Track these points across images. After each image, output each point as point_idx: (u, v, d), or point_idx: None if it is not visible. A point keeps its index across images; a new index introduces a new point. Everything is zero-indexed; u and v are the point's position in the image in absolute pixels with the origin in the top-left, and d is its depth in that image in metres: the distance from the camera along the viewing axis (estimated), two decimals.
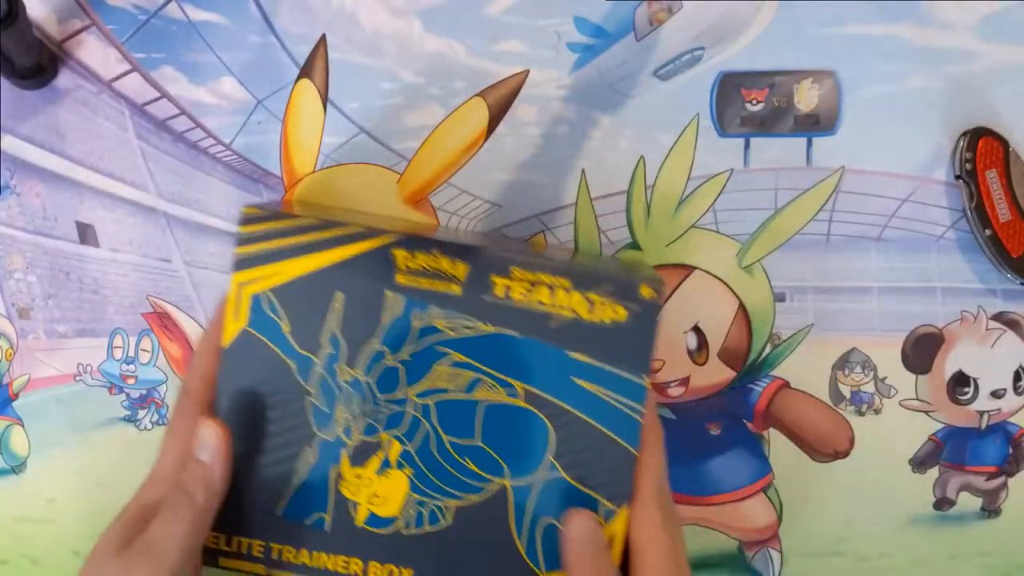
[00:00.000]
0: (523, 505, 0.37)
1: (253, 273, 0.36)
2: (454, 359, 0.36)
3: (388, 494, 0.37)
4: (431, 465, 0.37)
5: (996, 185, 0.49)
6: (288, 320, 0.36)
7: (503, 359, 0.36)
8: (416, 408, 0.37)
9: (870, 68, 0.50)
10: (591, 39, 0.49)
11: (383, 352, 0.37)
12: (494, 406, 0.37)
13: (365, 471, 0.37)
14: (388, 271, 0.36)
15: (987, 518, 0.52)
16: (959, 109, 0.50)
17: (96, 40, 0.49)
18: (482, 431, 0.37)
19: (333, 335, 0.36)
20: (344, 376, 0.37)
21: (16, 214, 0.50)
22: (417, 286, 0.36)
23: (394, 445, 0.37)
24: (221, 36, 0.49)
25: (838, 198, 0.50)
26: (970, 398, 0.51)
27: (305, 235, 0.36)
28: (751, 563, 0.51)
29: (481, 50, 0.49)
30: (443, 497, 0.37)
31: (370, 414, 0.37)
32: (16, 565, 0.50)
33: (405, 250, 0.36)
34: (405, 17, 0.49)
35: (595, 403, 0.36)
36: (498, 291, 0.36)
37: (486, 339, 0.36)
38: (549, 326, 0.36)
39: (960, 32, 0.49)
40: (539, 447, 0.36)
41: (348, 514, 0.37)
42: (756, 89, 0.50)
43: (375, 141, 0.49)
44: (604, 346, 0.36)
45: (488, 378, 0.36)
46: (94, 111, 0.49)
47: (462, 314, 0.36)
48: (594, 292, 0.36)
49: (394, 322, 0.36)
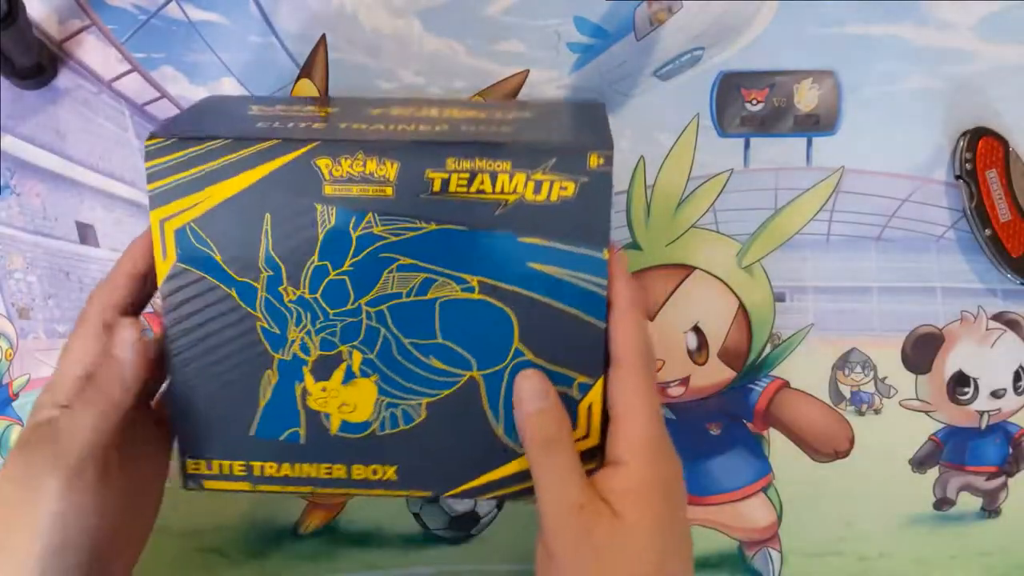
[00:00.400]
0: (496, 391, 0.36)
1: (171, 208, 0.35)
2: (401, 263, 0.35)
3: (357, 401, 0.37)
4: (396, 369, 0.36)
5: (996, 185, 0.49)
6: (219, 249, 0.35)
7: (452, 255, 0.35)
8: (370, 317, 0.36)
9: (870, 68, 0.50)
10: (591, 39, 0.49)
11: (325, 267, 0.35)
12: (451, 302, 0.36)
13: (330, 384, 0.36)
14: (314, 183, 0.34)
15: (987, 518, 0.52)
16: (959, 109, 0.50)
17: (96, 40, 0.49)
18: (442, 329, 0.36)
19: (269, 257, 0.35)
20: (290, 296, 0.36)
21: (16, 214, 0.50)
22: (348, 194, 0.34)
23: (355, 355, 0.36)
24: (221, 36, 0.49)
25: (838, 198, 0.50)
26: (970, 398, 0.51)
27: (219, 159, 0.34)
28: (751, 563, 0.51)
29: (481, 50, 0.49)
30: (413, 396, 0.36)
31: (325, 329, 0.36)
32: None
33: (328, 158, 0.34)
34: (405, 17, 0.49)
35: (554, 284, 0.35)
36: (435, 186, 0.34)
37: (431, 237, 0.35)
38: (495, 214, 0.34)
39: (960, 32, 0.49)
40: (504, 337, 0.36)
41: (321, 425, 0.37)
42: (756, 89, 0.50)
43: None
44: (556, 225, 0.34)
45: (440, 276, 0.35)
46: (94, 111, 0.49)
47: (401, 216, 0.34)
48: (538, 171, 0.34)
49: (331, 235, 0.35)
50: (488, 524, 0.51)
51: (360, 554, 0.51)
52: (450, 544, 0.51)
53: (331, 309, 0.36)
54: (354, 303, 0.36)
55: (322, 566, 0.51)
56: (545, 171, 0.34)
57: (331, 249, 0.35)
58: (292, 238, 0.35)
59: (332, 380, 0.36)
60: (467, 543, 0.51)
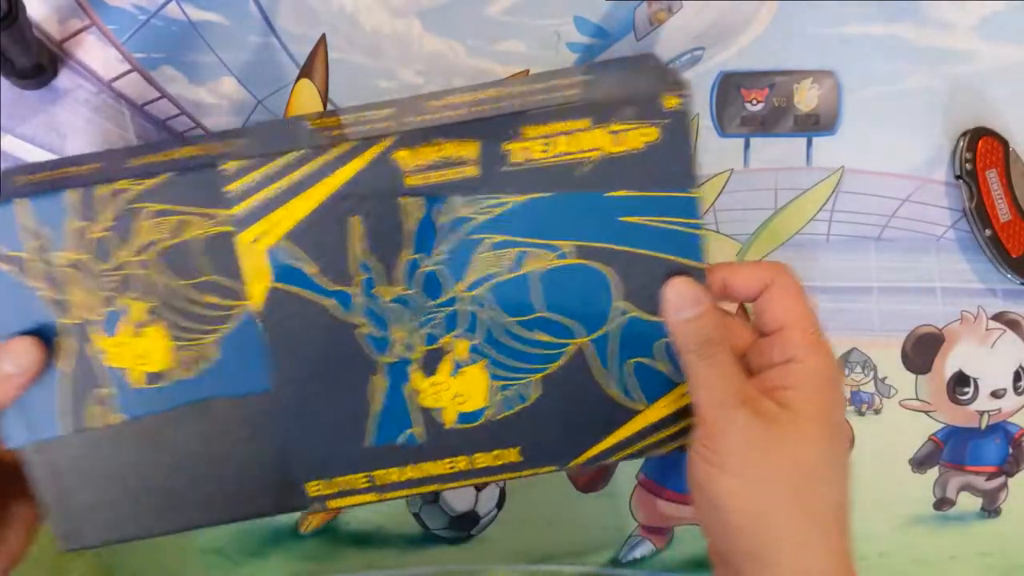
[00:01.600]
0: (605, 356, 0.36)
1: (257, 229, 0.35)
2: (493, 240, 0.35)
3: (470, 390, 0.36)
4: (503, 350, 0.36)
5: (996, 185, 0.49)
6: (312, 261, 0.35)
7: (542, 224, 0.35)
8: (469, 302, 0.36)
9: (870, 68, 0.50)
10: (591, 39, 0.49)
11: (417, 260, 0.35)
12: (548, 272, 0.35)
13: (439, 377, 0.36)
14: (396, 177, 0.34)
15: (987, 518, 0.52)
16: (959, 109, 0.50)
17: (96, 40, 0.49)
18: (542, 301, 0.36)
19: (362, 261, 0.35)
20: (387, 296, 0.35)
21: None
22: (430, 182, 0.34)
23: (460, 344, 0.36)
24: (221, 36, 0.49)
25: (838, 198, 0.50)
26: (970, 398, 0.51)
27: (297, 170, 0.34)
28: None
29: (481, 50, 0.49)
30: (524, 375, 0.36)
31: (426, 324, 0.36)
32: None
33: (407, 149, 0.34)
34: (405, 17, 0.49)
35: (647, 233, 0.35)
36: (515, 158, 0.34)
37: (517, 209, 0.34)
38: (578, 173, 0.34)
39: (960, 32, 0.49)
40: (605, 297, 0.36)
41: (436, 421, 0.36)
42: (756, 89, 0.50)
43: None
44: (641, 173, 0.34)
45: (533, 248, 0.35)
46: (94, 111, 0.49)
47: (484, 194, 0.34)
48: (616, 122, 0.33)
49: (419, 226, 0.35)
50: (488, 524, 0.51)
51: (360, 554, 0.51)
52: (450, 544, 0.51)
53: (430, 301, 0.36)
54: (451, 291, 0.35)
55: (322, 566, 0.51)
56: (624, 120, 0.34)
57: (421, 240, 0.35)
58: (381, 237, 0.35)
59: (440, 373, 0.36)
60: (467, 543, 0.51)
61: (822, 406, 0.34)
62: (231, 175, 0.34)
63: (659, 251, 0.35)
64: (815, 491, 0.33)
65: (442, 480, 0.37)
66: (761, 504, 0.33)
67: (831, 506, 0.34)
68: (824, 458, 0.34)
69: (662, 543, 0.52)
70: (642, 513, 0.52)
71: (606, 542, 0.52)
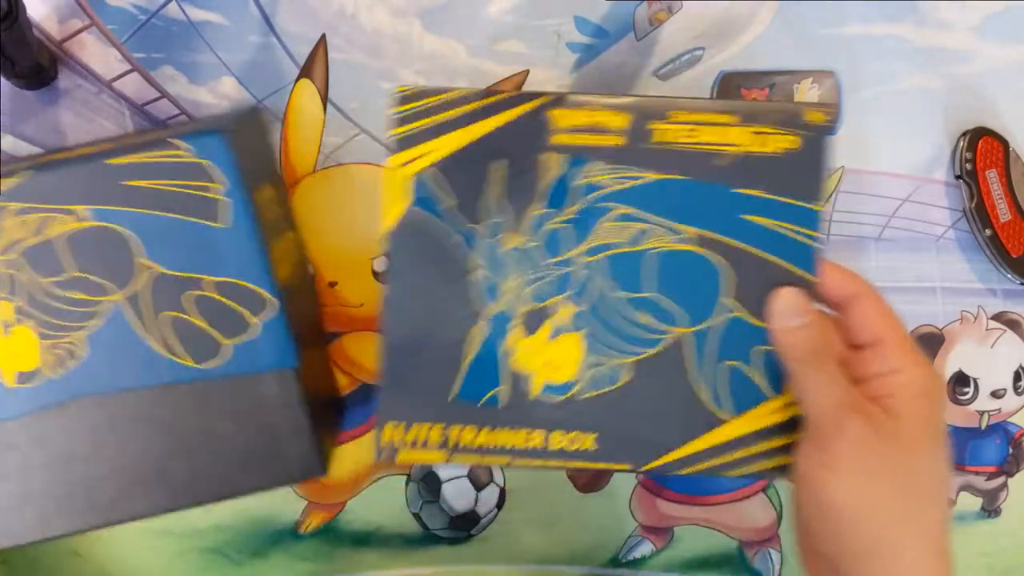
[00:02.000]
0: (702, 351, 0.36)
1: (411, 152, 0.36)
2: (620, 212, 0.36)
3: (562, 360, 0.36)
4: (605, 323, 0.36)
5: (996, 185, 0.49)
6: (450, 194, 0.36)
7: (669, 205, 0.36)
8: (585, 267, 0.36)
9: (870, 68, 0.50)
10: (591, 39, 0.49)
11: (547, 214, 0.36)
12: (665, 254, 0.36)
13: (536, 339, 0.36)
14: (545, 132, 0.36)
15: (987, 518, 0.52)
16: (959, 109, 0.50)
17: (96, 40, 0.49)
18: (654, 281, 0.36)
19: (496, 204, 0.36)
20: (510, 243, 0.36)
21: None
22: (576, 143, 0.36)
23: (565, 308, 0.36)
24: (221, 36, 0.49)
25: (838, 198, 0.50)
26: (970, 398, 0.51)
27: (459, 108, 0.36)
28: (751, 563, 0.51)
29: (481, 50, 0.49)
30: (619, 355, 0.36)
31: (538, 280, 0.36)
32: (16, 565, 0.50)
33: (562, 108, 0.35)
34: (405, 17, 0.49)
35: (767, 236, 0.35)
36: (659, 136, 0.35)
37: (650, 187, 0.35)
38: (715, 164, 0.35)
39: (960, 32, 0.49)
40: (714, 290, 0.36)
41: (522, 387, 0.36)
42: (756, 89, 0.50)
43: (375, 141, 0.49)
44: (773, 177, 0.35)
45: (656, 227, 0.36)
46: (94, 111, 0.49)
47: (624, 165, 0.35)
48: (760, 124, 0.35)
49: (555, 183, 0.36)
50: (488, 524, 0.51)
51: (360, 554, 0.51)
52: (450, 544, 0.51)
53: (548, 258, 0.36)
54: (571, 252, 0.36)
55: (322, 566, 0.51)
56: (770, 125, 0.35)
57: (554, 197, 0.36)
58: (519, 185, 0.36)
59: (539, 335, 0.36)
60: (467, 543, 0.51)
61: (928, 417, 0.34)
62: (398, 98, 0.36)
63: (774, 255, 0.36)
64: (923, 495, 0.34)
65: (512, 454, 0.37)
66: (874, 503, 0.33)
67: (938, 510, 0.34)
68: (931, 465, 0.34)
69: (662, 543, 0.52)
70: (642, 513, 0.52)
71: (606, 542, 0.52)
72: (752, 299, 0.36)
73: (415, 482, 0.51)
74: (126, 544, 0.50)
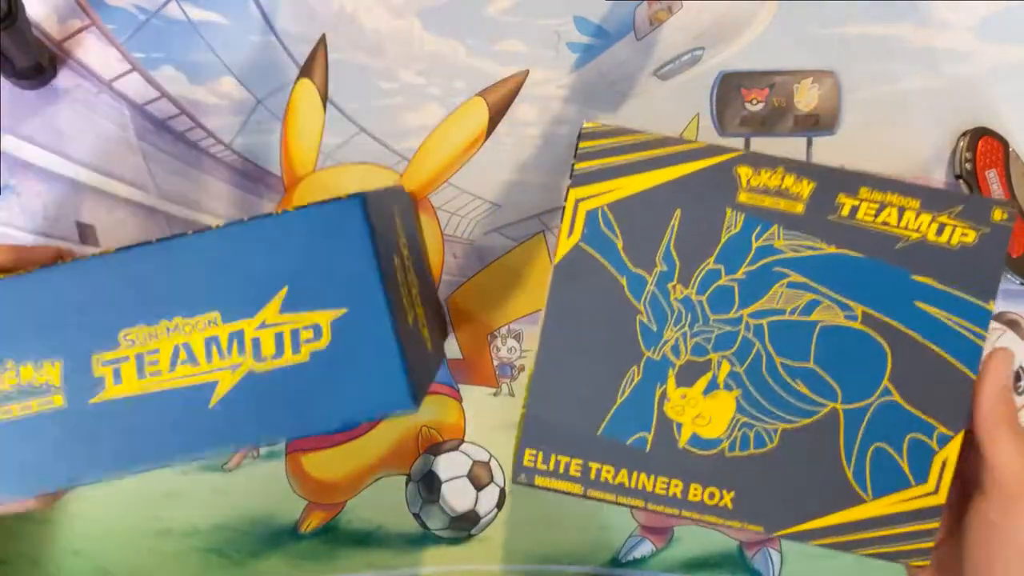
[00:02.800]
0: (854, 429, 0.36)
1: (590, 189, 0.36)
2: (793, 279, 0.36)
3: (714, 415, 0.36)
4: (761, 387, 0.36)
5: (996, 185, 0.49)
6: (623, 236, 0.36)
7: (843, 280, 0.35)
8: (749, 328, 0.36)
9: (870, 68, 0.50)
10: (591, 39, 0.49)
11: (718, 271, 0.36)
12: (830, 328, 0.36)
13: (691, 391, 0.36)
14: (730, 188, 0.35)
15: None
16: (959, 109, 0.50)
17: (96, 40, 0.49)
18: (817, 353, 0.36)
19: (668, 252, 0.36)
20: (676, 294, 0.36)
21: (16, 214, 0.50)
22: (759, 204, 0.36)
23: (724, 365, 0.36)
24: (221, 36, 0.49)
25: None
26: None
27: (644, 151, 0.36)
28: (751, 563, 0.51)
29: (481, 50, 0.49)
30: (771, 419, 0.36)
31: (701, 334, 0.36)
32: (16, 565, 0.50)
33: (750, 167, 0.35)
34: (405, 17, 0.49)
35: (936, 327, 0.35)
36: (844, 211, 0.35)
37: (827, 259, 0.35)
38: (894, 248, 0.35)
39: (960, 32, 0.49)
40: (875, 371, 0.36)
41: (671, 435, 0.36)
42: (756, 89, 0.50)
43: (375, 141, 0.49)
44: (950, 269, 0.35)
45: (826, 299, 0.36)
46: (94, 111, 0.49)
47: (805, 233, 0.36)
48: (944, 214, 0.35)
49: (732, 240, 0.36)
50: (488, 524, 0.51)
51: (360, 554, 0.51)
52: (450, 544, 0.51)
53: (713, 315, 0.36)
54: (737, 312, 0.36)
55: (322, 566, 0.51)
56: (951, 216, 0.35)
57: (729, 254, 0.36)
58: (694, 238, 0.36)
59: (694, 388, 0.36)
60: (467, 543, 0.51)
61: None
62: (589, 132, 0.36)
63: (939, 346, 0.36)
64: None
65: (648, 498, 0.37)
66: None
67: None
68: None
69: (662, 543, 0.52)
70: (642, 513, 0.52)
71: (606, 542, 0.52)
72: (910, 385, 0.36)
73: (415, 482, 0.51)
74: (126, 544, 0.50)
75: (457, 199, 0.50)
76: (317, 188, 0.49)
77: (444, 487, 0.51)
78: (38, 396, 0.35)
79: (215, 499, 0.49)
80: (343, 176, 0.50)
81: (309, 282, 0.35)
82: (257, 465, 0.50)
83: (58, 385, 0.35)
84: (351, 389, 0.35)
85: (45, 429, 0.35)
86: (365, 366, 0.35)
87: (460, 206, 0.50)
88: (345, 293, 0.35)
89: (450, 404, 0.51)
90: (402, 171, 0.49)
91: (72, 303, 0.35)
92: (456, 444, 0.51)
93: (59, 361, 0.35)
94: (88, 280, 0.35)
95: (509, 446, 0.51)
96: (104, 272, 0.35)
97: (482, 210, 0.50)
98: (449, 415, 0.51)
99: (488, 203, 0.50)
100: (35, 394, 0.35)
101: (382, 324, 0.35)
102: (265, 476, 0.50)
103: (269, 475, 0.50)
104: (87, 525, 0.50)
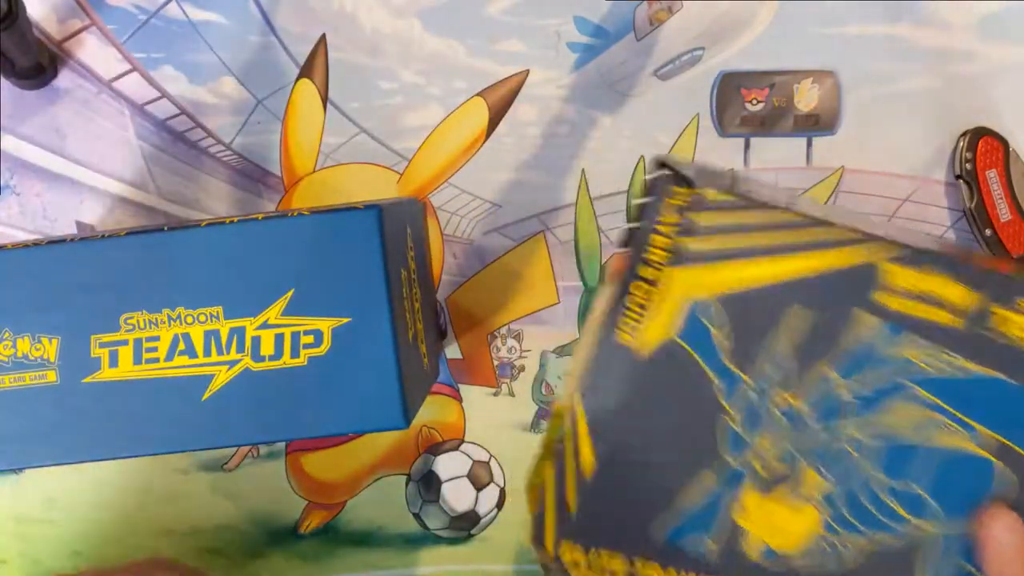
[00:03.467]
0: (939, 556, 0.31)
1: (696, 274, 0.30)
2: (920, 396, 0.30)
3: (793, 529, 0.31)
4: (852, 505, 0.31)
5: (996, 185, 0.49)
6: (726, 334, 0.30)
7: (980, 404, 0.30)
8: (852, 443, 0.30)
9: (870, 68, 0.50)
10: (591, 39, 0.49)
11: (832, 380, 0.30)
12: (953, 453, 0.30)
13: (771, 502, 0.31)
14: (870, 286, 0.29)
15: None
16: (959, 109, 0.50)
17: (96, 40, 0.49)
18: (929, 477, 0.30)
19: (777, 355, 0.30)
20: (779, 403, 0.30)
21: (16, 214, 0.50)
22: (901, 309, 0.29)
23: (813, 478, 0.31)
24: (221, 36, 0.49)
25: (838, 198, 0.50)
26: None
27: (766, 234, 0.29)
28: None
29: (481, 50, 0.49)
30: (856, 536, 0.31)
31: (797, 443, 0.31)
32: (16, 565, 0.50)
33: (901, 265, 0.29)
34: (405, 17, 0.49)
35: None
36: (1000, 325, 0.29)
37: (967, 381, 0.29)
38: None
39: (960, 32, 0.49)
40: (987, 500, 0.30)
41: (739, 547, 0.31)
42: (756, 89, 0.50)
43: (375, 141, 0.50)
44: None
45: (953, 422, 0.30)
46: (94, 111, 0.49)
47: (951, 351, 0.29)
48: None
49: (858, 347, 0.30)
50: (488, 524, 0.51)
51: (360, 554, 0.51)
52: (450, 544, 0.51)
53: (816, 425, 0.30)
54: (844, 425, 0.30)
55: (322, 566, 0.51)
56: None
57: (850, 362, 0.30)
58: (814, 340, 0.30)
59: (775, 498, 0.31)
60: (467, 543, 0.51)
61: None
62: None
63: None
64: None
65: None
66: None
67: None
68: None
69: None
70: None
71: None
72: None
73: (415, 482, 0.51)
74: (126, 544, 0.50)
75: (457, 199, 0.50)
76: (317, 188, 0.49)
77: (444, 487, 0.51)
78: (32, 370, 0.35)
79: (215, 499, 0.49)
80: (343, 176, 0.50)
81: (316, 287, 0.35)
82: (257, 465, 0.50)
83: (53, 361, 0.35)
84: (345, 400, 0.35)
85: (35, 403, 0.35)
86: (362, 379, 0.35)
87: (460, 206, 0.50)
88: (350, 303, 0.34)
89: (450, 404, 0.51)
90: (402, 171, 0.49)
91: (77, 281, 0.35)
92: (456, 444, 0.51)
93: (57, 338, 0.35)
94: (95, 260, 0.35)
95: (509, 446, 0.51)
96: (112, 254, 0.35)
97: (482, 210, 0.50)
98: (449, 415, 0.51)
99: (488, 203, 0.50)
100: (29, 367, 0.35)
101: (383, 339, 0.34)
102: (265, 476, 0.50)
103: (269, 475, 0.50)
104: (87, 525, 0.50)
